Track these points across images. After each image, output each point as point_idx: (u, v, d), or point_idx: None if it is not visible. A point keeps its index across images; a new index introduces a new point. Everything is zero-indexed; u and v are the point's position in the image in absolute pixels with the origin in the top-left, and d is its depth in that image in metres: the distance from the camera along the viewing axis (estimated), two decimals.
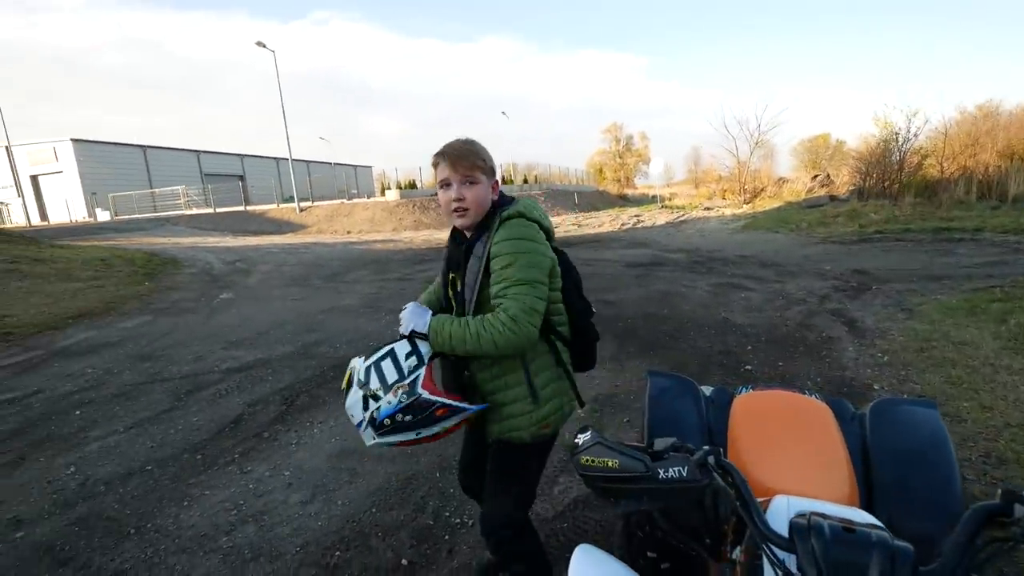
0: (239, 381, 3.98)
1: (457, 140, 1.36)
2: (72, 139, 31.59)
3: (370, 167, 52.53)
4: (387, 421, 1.25)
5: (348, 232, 19.74)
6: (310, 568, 1.92)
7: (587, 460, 0.85)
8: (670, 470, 0.77)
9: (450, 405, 1.30)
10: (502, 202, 1.39)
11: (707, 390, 1.66)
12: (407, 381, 1.26)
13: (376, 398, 1.25)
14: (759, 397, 1.50)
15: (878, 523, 0.80)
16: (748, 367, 3.77)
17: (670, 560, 1.45)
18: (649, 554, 1.46)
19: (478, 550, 1.97)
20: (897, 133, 14.77)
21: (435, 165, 1.36)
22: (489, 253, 1.30)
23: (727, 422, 1.48)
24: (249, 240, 17.47)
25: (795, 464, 1.19)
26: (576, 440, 0.91)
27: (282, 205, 25.28)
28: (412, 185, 25.49)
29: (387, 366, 1.27)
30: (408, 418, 1.26)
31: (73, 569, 1.97)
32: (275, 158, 42.19)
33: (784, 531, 0.75)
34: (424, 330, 1.31)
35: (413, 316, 1.33)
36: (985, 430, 2.65)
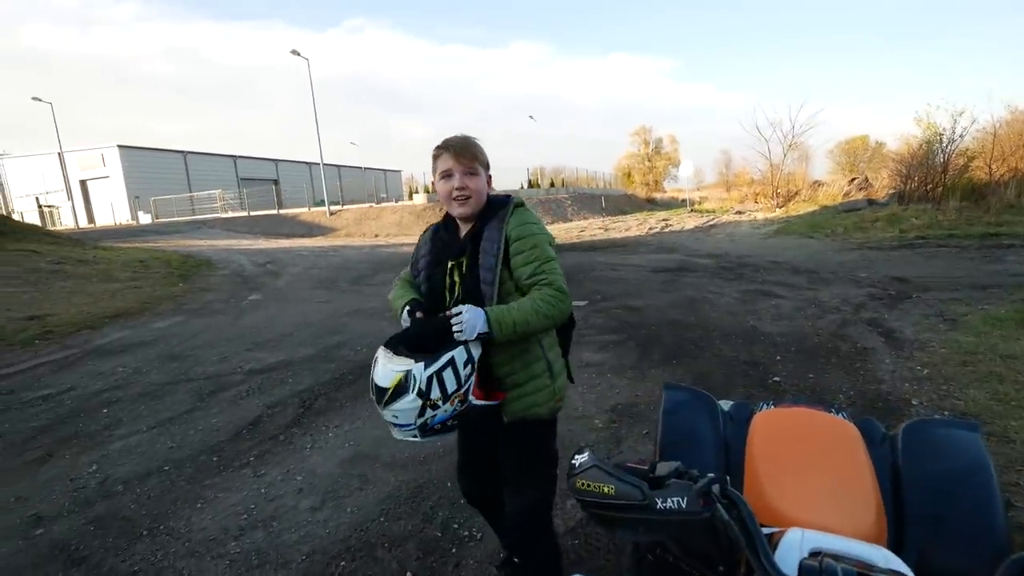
0: (260, 383, 4.04)
1: (457, 135, 1.44)
2: (119, 145, 33.25)
3: (399, 171, 53.53)
4: (438, 427, 1.27)
5: (376, 235, 20.08)
6: None
7: (583, 484, 0.79)
8: (669, 500, 0.70)
9: (489, 406, 1.37)
10: (496, 198, 1.48)
11: (725, 405, 1.57)
12: (463, 390, 1.27)
13: (435, 407, 1.23)
14: (781, 415, 1.40)
15: (902, 567, 0.71)
16: (776, 379, 3.61)
17: None
18: None
19: (485, 565, 1.92)
20: (941, 134, 14.05)
21: (436, 157, 1.42)
22: (508, 237, 1.38)
23: (745, 440, 1.39)
24: (281, 243, 17.95)
25: (816, 491, 1.09)
26: (573, 461, 0.85)
27: (313, 208, 25.91)
28: None
29: (448, 375, 1.24)
30: (454, 423, 1.30)
31: (85, 570, 2.00)
32: (307, 163, 43.39)
33: (793, 571, 0.67)
34: (486, 329, 1.29)
35: (475, 318, 1.28)
36: None
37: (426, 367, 1.22)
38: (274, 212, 26.18)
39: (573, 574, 0.91)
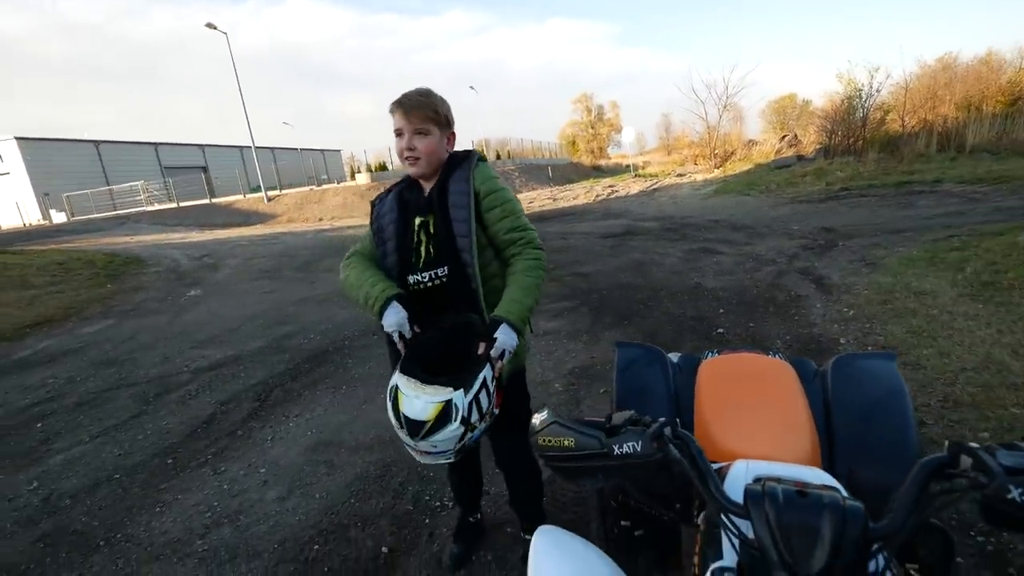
0: (209, 380, 3.88)
1: (414, 90, 1.38)
2: (17, 137, 29.80)
3: (339, 151, 51.18)
4: (473, 444, 1.28)
5: (320, 219, 19.29)
6: (288, 564, 1.90)
7: (545, 440, 0.84)
8: (624, 445, 0.75)
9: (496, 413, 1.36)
10: (456, 153, 1.46)
11: (674, 357, 1.66)
12: (492, 404, 1.27)
13: (473, 429, 1.23)
14: (724, 361, 1.50)
15: (833, 483, 0.80)
16: (720, 330, 3.83)
17: (643, 527, 1.47)
18: (623, 523, 1.48)
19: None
20: (860, 90, 14.93)
21: (391, 113, 1.39)
22: (477, 191, 1.38)
23: (693, 387, 1.49)
24: (216, 233, 16.92)
25: (758, 426, 1.19)
26: (534, 421, 0.89)
27: (249, 195, 24.49)
28: (383, 167, 24.98)
29: (483, 396, 1.24)
30: (481, 437, 1.31)
31: None
32: (238, 146, 40.62)
33: (740, 497, 0.74)
34: (515, 341, 1.32)
35: (509, 338, 1.31)
36: (943, 376, 2.75)
37: (466, 393, 1.19)
38: (206, 201, 24.54)
39: (542, 526, 0.96)
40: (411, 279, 1.41)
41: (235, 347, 4.60)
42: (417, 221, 1.39)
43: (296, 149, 41.97)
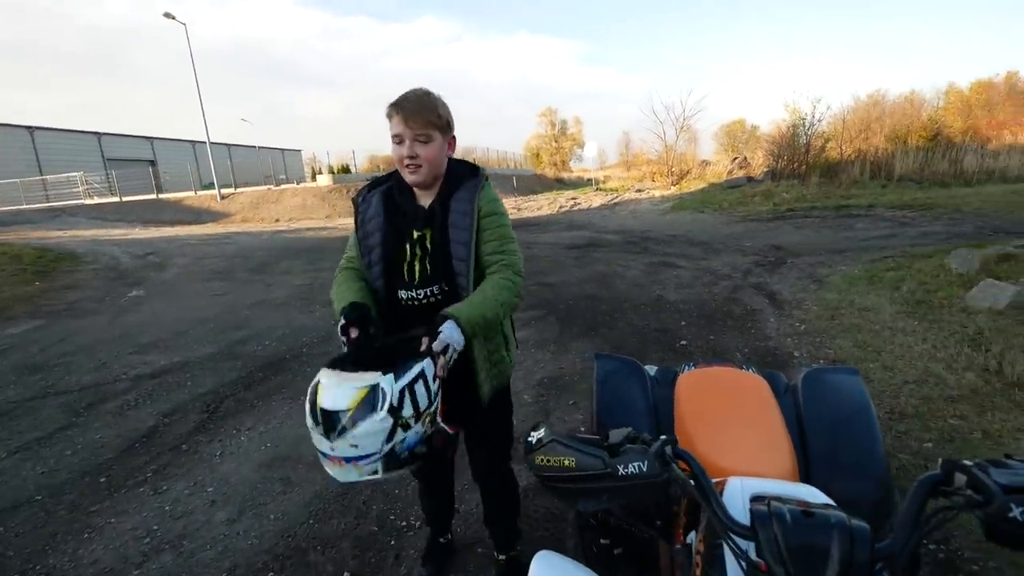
0: (151, 389, 3.60)
1: (413, 91, 1.28)
2: None
3: (299, 151, 49.53)
4: (406, 455, 1.06)
5: (276, 220, 18.55)
6: None
7: (543, 460, 0.80)
8: (630, 466, 0.73)
9: (448, 434, 1.18)
10: (461, 163, 1.41)
11: (651, 370, 1.67)
12: (434, 407, 1.10)
13: (406, 427, 1.04)
14: (701, 375, 1.52)
15: (829, 502, 0.80)
16: (683, 342, 3.92)
17: (623, 545, 1.45)
18: (602, 541, 1.45)
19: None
20: (804, 118, 15.90)
21: (389, 117, 1.28)
22: (480, 210, 1.32)
23: (672, 401, 1.49)
24: (164, 231, 15.96)
25: (741, 442, 1.20)
26: (529, 438, 0.85)
27: (201, 192, 23.25)
28: (346, 169, 24.32)
29: (420, 389, 1.06)
30: (422, 450, 1.09)
31: None
32: (190, 141, 38.58)
33: (742, 516, 0.73)
34: (462, 340, 1.17)
35: (454, 331, 1.16)
36: (888, 388, 2.91)
37: (396, 379, 1.03)
38: (152, 197, 23.10)
39: (541, 552, 0.92)
40: (403, 295, 1.35)
41: (182, 353, 4.31)
42: (414, 235, 1.32)
43: (254, 147, 40.31)
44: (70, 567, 1.94)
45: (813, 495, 0.80)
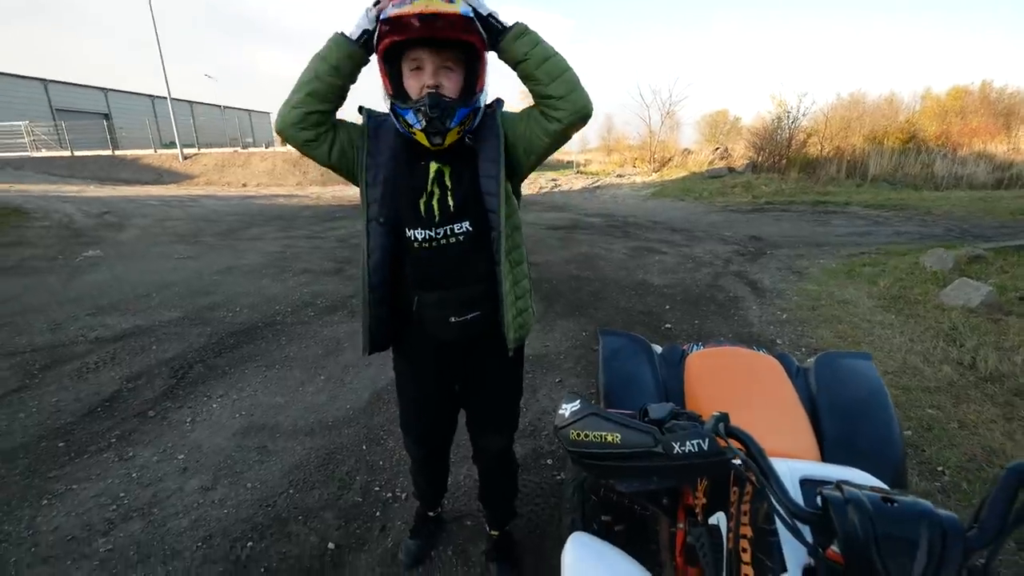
0: (113, 352, 3.38)
1: None
2: None
3: (268, 113, 47.36)
4: None
5: (244, 184, 17.78)
6: (215, 565, 1.66)
7: (579, 435, 0.72)
8: (687, 444, 0.66)
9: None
10: None
11: (658, 348, 1.62)
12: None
13: None
14: (712, 355, 1.48)
15: (881, 484, 0.76)
16: (668, 325, 3.93)
17: (624, 523, 1.42)
18: (603, 518, 1.41)
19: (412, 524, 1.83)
20: (789, 112, 16.10)
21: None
22: (504, 126, 1.19)
23: (682, 381, 1.45)
24: (121, 190, 15.07)
25: (760, 422, 1.16)
26: (561, 411, 0.77)
27: (161, 151, 22.01)
28: None
29: None
30: None
31: None
32: (149, 95, 36.32)
33: (799, 500, 0.68)
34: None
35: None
36: None
37: None
38: (107, 153, 21.73)
39: (575, 533, 0.85)
40: (416, 234, 1.18)
41: (145, 317, 4.07)
42: (432, 168, 1.17)
43: (219, 106, 38.31)
44: (28, 534, 1.79)
45: (866, 479, 0.76)
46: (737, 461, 0.69)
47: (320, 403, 2.73)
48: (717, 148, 21.50)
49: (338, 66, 1.10)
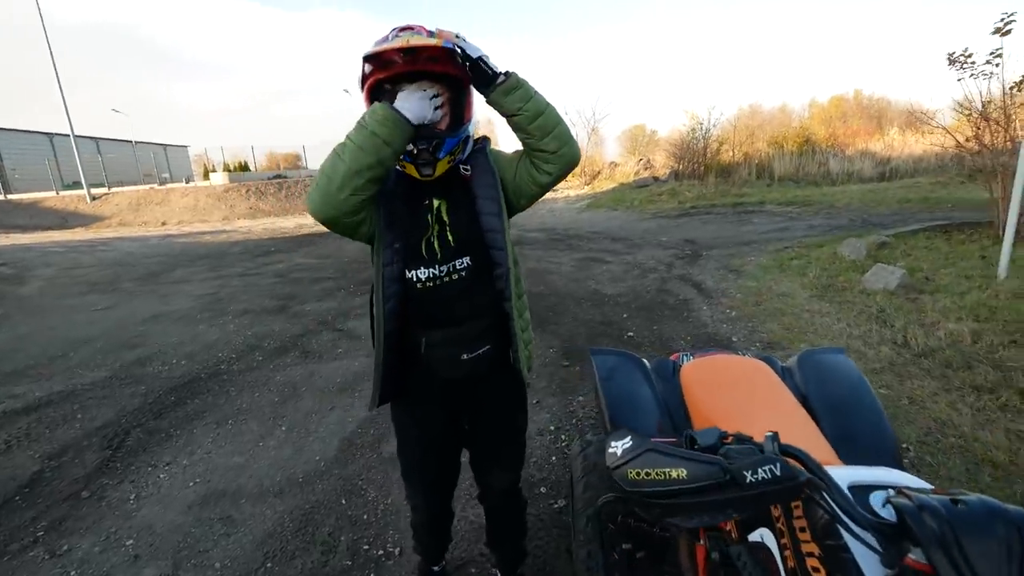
0: (28, 427, 2.95)
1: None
2: None
3: (186, 147, 44.39)
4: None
5: (164, 223, 16.49)
6: None
7: (638, 474, 0.69)
8: (760, 471, 0.64)
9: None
10: None
11: (647, 362, 1.63)
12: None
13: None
14: (705, 364, 1.50)
15: (925, 484, 0.78)
16: (630, 333, 4.01)
17: (645, 548, 1.39)
18: (624, 546, 1.38)
19: None
20: (701, 123, 17.34)
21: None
22: (498, 162, 1.20)
23: (681, 394, 1.46)
24: (17, 238, 13.49)
25: (775, 429, 1.18)
26: (612, 448, 0.74)
27: (65, 193, 20.00)
28: (244, 167, 22.24)
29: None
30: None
31: None
32: (47, 133, 32.97)
33: (875, 513, 0.67)
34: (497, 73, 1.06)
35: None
36: None
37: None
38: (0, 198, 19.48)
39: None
40: (419, 274, 1.15)
41: (63, 381, 3.60)
42: (435, 204, 1.15)
43: (129, 141, 35.41)
44: None
45: (910, 480, 0.78)
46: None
47: (285, 457, 2.51)
48: (641, 159, 22.67)
49: (401, 149, 1.04)
